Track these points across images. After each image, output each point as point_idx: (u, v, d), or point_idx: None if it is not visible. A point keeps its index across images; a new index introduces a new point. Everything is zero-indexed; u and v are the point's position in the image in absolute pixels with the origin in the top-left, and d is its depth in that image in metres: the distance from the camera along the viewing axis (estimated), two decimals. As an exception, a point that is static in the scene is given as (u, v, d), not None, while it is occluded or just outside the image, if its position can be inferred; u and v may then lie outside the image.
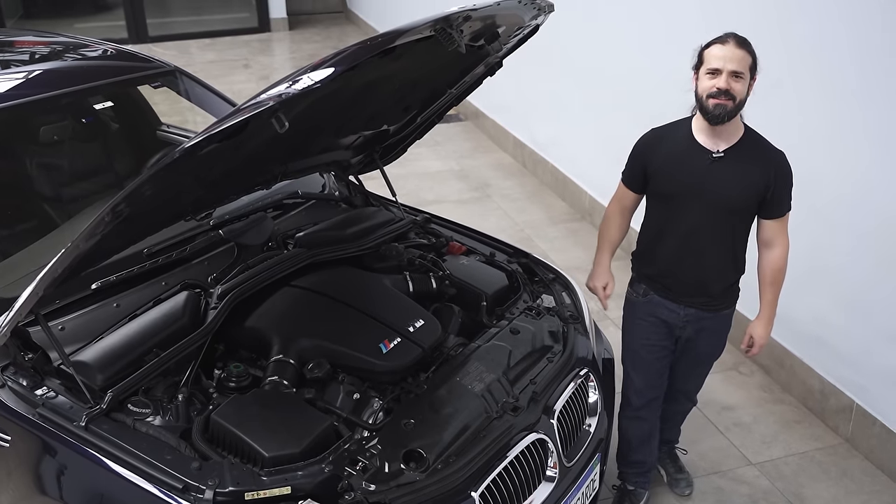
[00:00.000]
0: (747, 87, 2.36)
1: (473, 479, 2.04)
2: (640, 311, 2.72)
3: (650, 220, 2.65)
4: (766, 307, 2.64)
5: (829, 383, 3.40)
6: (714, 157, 2.44)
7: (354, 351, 2.32)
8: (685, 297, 2.61)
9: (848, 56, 3.06)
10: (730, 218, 2.49)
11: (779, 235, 2.54)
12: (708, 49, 2.38)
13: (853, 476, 3.18)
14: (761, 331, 2.66)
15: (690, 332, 2.66)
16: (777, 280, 2.60)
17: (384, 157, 3.13)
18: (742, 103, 2.36)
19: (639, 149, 2.62)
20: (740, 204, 2.47)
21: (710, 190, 2.45)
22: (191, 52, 9.60)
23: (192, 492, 1.84)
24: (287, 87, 1.72)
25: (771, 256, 2.57)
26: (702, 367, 2.83)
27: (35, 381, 2.11)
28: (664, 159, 2.53)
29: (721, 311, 2.66)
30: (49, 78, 3.16)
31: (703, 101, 2.37)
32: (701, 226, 2.50)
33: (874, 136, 2.99)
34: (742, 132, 2.46)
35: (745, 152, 2.44)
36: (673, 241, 2.57)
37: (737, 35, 2.37)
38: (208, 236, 2.66)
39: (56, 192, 3.13)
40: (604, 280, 2.79)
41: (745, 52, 2.33)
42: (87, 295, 2.36)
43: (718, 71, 2.33)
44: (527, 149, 6.12)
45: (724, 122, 2.37)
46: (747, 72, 2.34)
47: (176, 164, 1.75)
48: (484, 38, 2.34)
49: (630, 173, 2.66)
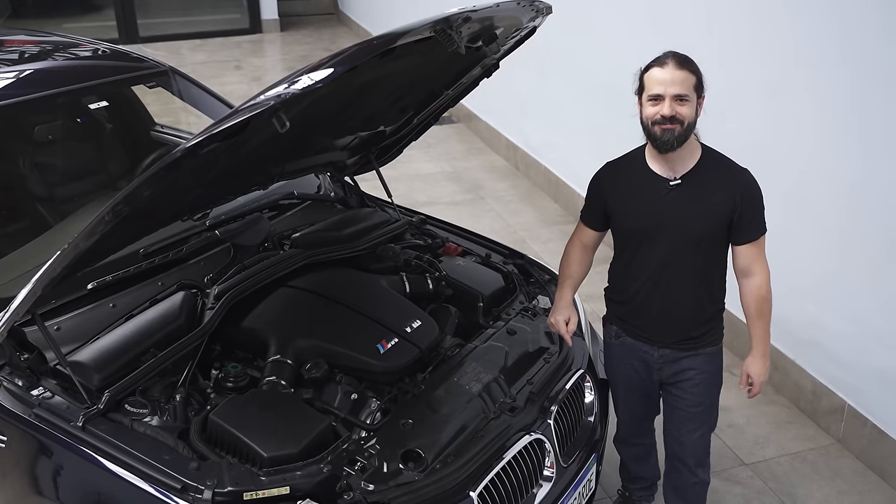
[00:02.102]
0: (695, 108, 2.19)
1: (472, 479, 2.04)
2: (615, 354, 2.56)
3: (616, 256, 2.47)
4: (757, 342, 2.41)
5: (821, 384, 3.42)
6: (671, 186, 2.26)
7: (352, 351, 2.32)
8: (659, 336, 2.42)
9: (842, 61, 3.09)
10: (697, 249, 2.29)
11: (755, 262, 2.32)
12: (647, 73, 2.21)
13: (845, 476, 3.20)
14: (757, 368, 2.43)
15: (668, 374, 2.46)
16: (763, 311, 2.37)
17: (380, 159, 3.14)
18: (691, 126, 2.19)
19: (595, 186, 2.45)
20: (706, 233, 2.27)
21: (672, 222, 2.27)
22: (181, 52, 9.57)
23: (191, 492, 1.84)
24: (288, 86, 1.72)
25: (751, 286, 2.35)
26: (692, 422, 2.51)
27: (31, 381, 2.10)
28: (621, 194, 2.36)
29: (701, 351, 2.42)
30: (43, 77, 3.15)
31: (650, 129, 2.20)
32: (668, 260, 2.32)
33: (865, 141, 3.02)
34: (699, 154, 2.28)
35: (704, 176, 2.26)
36: (641, 277, 2.38)
37: (676, 54, 2.19)
38: (204, 236, 2.66)
39: (50, 191, 3.11)
40: (565, 314, 2.52)
41: (686, 72, 2.16)
42: (82, 295, 2.35)
43: (661, 96, 2.16)
44: (520, 151, 6.13)
45: (675, 149, 2.20)
46: (692, 93, 2.16)
47: (177, 163, 1.75)
48: (482, 39, 2.34)
49: (588, 211, 2.49)
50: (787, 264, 3.39)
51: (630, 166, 2.38)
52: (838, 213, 3.19)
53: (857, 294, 3.16)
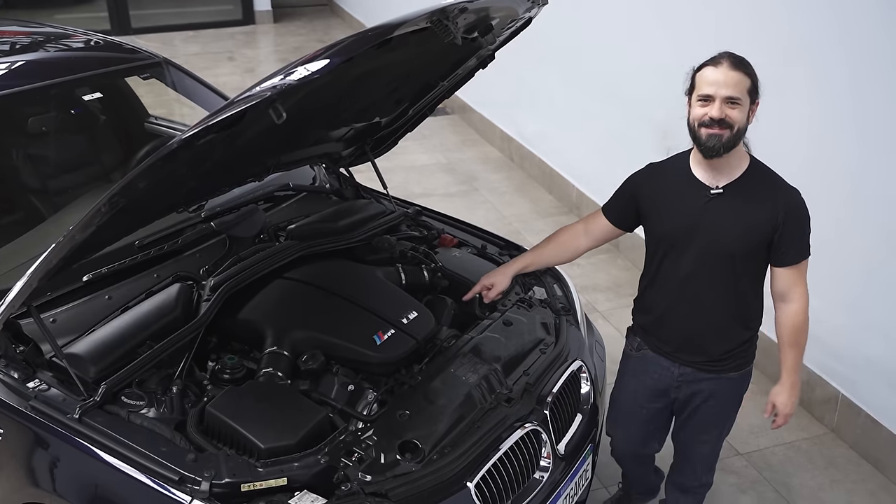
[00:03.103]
0: (747, 114, 2.09)
1: (469, 469, 2.05)
2: (632, 367, 2.48)
3: (647, 263, 2.37)
4: (787, 371, 2.29)
5: (815, 374, 3.44)
6: (712, 194, 2.16)
7: (348, 342, 2.32)
8: (680, 353, 2.33)
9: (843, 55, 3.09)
10: (732, 264, 2.19)
11: (794, 287, 2.20)
12: (700, 72, 2.11)
13: (839, 465, 3.23)
14: (784, 398, 2.30)
15: (686, 393, 2.38)
16: (797, 341, 2.25)
17: (375, 150, 3.13)
18: (741, 132, 2.09)
19: (630, 184, 2.38)
20: (741, 248, 2.17)
21: (707, 231, 2.17)
22: (174, 44, 9.51)
23: (189, 483, 1.84)
24: (284, 77, 1.71)
25: (787, 312, 2.23)
26: (704, 436, 2.47)
27: (27, 373, 2.10)
28: (658, 196, 2.28)
29: (724, 374, 2.32)
30: (36, 68, 3.13)
31: (696, 131, 2.11)
32: (697, 273, 2.22)
33: (862, 133, 3.03)
34: (747, 165, 2.18)
35: (748, 188, 2.16)
36: (668, 288, 2.30)
37: (732, 55, 2.09)
38: (200, 228, 2.65)
39: (44, 183, 3.10)
40: (493, 278, 2.52)
41: (741, 74, 2.06)
42: (78, 287, 2.34)
43: (711, 97, 2.06)
44: (514, 142, 6.13)
45: (721, 155, 2.10)
46: (745, 96, 2.07)
47: (174, 154, 1.74)
48: (478, 30, 2.34)
49: (614, 205, 2.43)
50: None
51: (673, 169, 2.29)
52: (834, 204, 3.20)
53: (851, 284, 3.18)
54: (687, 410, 2.44)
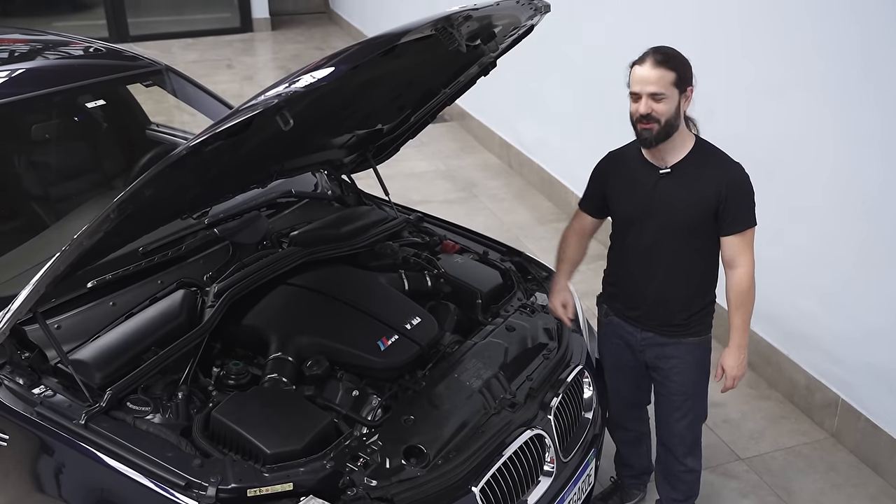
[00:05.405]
0: (677, 104, 2.22)
1: (473, 474, 2.06)
2: (605, 332, 2.66)
3: (613, 239, 2.55)
4: (734, 333, 2.44)
5: (814, 379, 3.45)
6: (661, 174, 2.34)
7: (352, 348, 2.33)
8: (642, 319, 2.50)
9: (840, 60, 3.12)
10: (684, 237, 2.36)
11: (741, 254, 2.36)
12: (631, 70, 2.26)
13: (839, 469, 3.24)
14: (731, 360, 2.46)
15: (651, 357, 2.53)
16: (743, 303, 2.40)
17: (377, 157, 3.15)
18: (670, 122, 2.22)
19: (596, 173, 2.55)
20: (692, 221, 2.33)
21: (660, 207, 2.34)
22: (173, 52, 9.54)
23: (195, 489, 1.85)
24: (290, 84, 1.73)
25: (733, 277, 2.39)
26: (678, 410, 2.56)
27: (32, 379, 2.10)
28: (619, 182, 2.46)
29: (684, 339, 2.48)
30: (39, 76, 3.13)
31: (634, 125, 2.28)
32: (656, 246, 2.39)
33: (855, 137, 3.05)
34: (692, 145, 2.33)
35: (693, 167, 2.32)
36: (630, 260, 2.47)
37: (657, 51, 2.22)
38: (203, 235, 2.66)
39: (46, 191, 3.11)
40: (560, 298, 2.63)
41: (664, 70, 2.18)
42: (82, 293, 2.35)
43: (639, 95, 2.22)
44: (513, 149, 6.15)
45: (655, 146, 2.27)
46: (670, 90, 2.19)
47: (182, 161, 1.75)
48: (481, 37, 2.36)
49: (588, 198, 2.59)
50: (782, 260, 3.42)
51: (628, 155, 2.47)
52: (833, 209, 3.22)
53: (850, 289, 3.19)
54: (658, 379, 2.58)
